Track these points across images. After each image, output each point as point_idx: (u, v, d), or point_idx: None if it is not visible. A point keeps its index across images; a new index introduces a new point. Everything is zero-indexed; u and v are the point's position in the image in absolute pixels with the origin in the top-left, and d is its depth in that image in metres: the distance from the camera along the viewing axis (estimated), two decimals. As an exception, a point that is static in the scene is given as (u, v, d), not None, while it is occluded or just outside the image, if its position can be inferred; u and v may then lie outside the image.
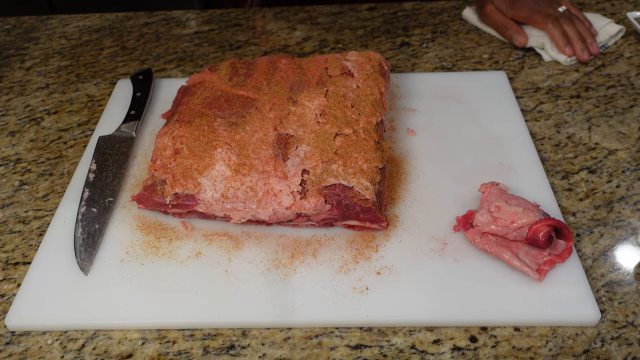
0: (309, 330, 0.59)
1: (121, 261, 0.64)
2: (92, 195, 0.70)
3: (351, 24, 1.06)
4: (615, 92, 0.87)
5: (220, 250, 0.65)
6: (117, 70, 0.97)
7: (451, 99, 0.85)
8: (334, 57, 0.80)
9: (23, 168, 0.79)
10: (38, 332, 0.60)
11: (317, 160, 0.65)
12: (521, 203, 0.63)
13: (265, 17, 1.09)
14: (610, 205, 0.70)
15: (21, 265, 0.66)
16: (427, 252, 0.64)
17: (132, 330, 0.59)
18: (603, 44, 0.96)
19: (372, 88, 0.75)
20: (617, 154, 0.77)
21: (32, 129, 0.86)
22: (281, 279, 0.62)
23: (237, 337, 0.58)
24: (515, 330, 0.58)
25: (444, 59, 0.97)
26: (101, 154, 0.76)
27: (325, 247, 0.65)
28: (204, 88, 0.77)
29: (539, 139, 0.80)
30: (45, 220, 0.72)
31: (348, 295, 0.60)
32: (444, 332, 0.58)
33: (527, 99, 0.87)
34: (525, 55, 0.96)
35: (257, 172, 0.65)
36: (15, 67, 1.00)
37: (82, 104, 0.90)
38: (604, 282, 0.62)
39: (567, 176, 0.74)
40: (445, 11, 1.09)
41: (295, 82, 0.77)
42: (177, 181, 0.65)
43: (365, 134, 0.69)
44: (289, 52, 1.00)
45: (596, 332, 0.57)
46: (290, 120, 0.71)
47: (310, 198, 0.62)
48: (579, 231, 0.67)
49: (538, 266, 0.60)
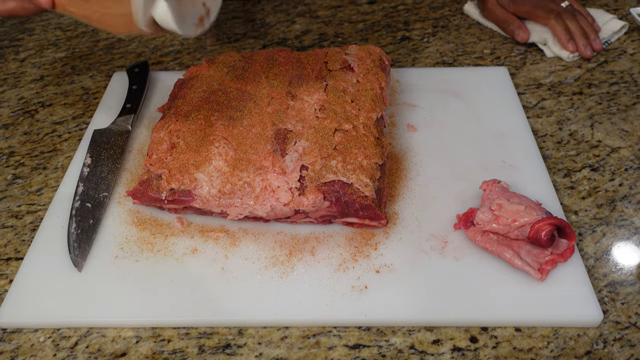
0: (307, 329, 0.58)
1: (115, 257, 0.63)
2: (87, 190, 0.69)
3: (351, 18, 1.05)
4: (618, 89, 0.86)
5: (217, 247, 0.64)
6: (113, 63, 0.96)
7: (452, 95, 0.84)
8: (334, 51, 0.79)
9: (16, 161, 0.78)
10: (30, 329, 0.58)
11: (316, 156, 0.64)
12: (523, 201, 0.62)
13: (264, 10, 1.08)
14: (612, 203, 0.69)
15: (13, 261, 0.65)
16: (427, 251, 0.63)
17: (126, 328, 0.58)
18: (606, 40, 0.95)
19: (373, 83, 0.74)
20: (619, 152, 0.76)
21: (26, 122, 0.85)
22: (278, 277, 0.61)
23: (233, 336, 0.57)
24: (516, 330, 0.57)
25: (445, 53, 0.95)
26: (96, 147, 0.75)
27: (323, 244, 0.64)
28: (201, 81, 0.76)
29: (541, 135, 0.79)
30: (39, 215, 0.70)
31: (346, 294, 0.59)
32: (444, 332, 0.57)
33: (529, 95, 0.86)
34: (527, 50, 0.95)
35: (254, 167, 0.64)
36: (10, 59, 0.98)
37: (77, 97, 0.89)
38: (606, 282, 0.61)
39: (569, 174, 0.73)
40: (446, 5, 1.07)
41: (294, 76, 0.76)
42: (173, 176, 0.64)
43: (365, 129, 0.67)
44: (288, 45, 0.99)
45: (598, 333, 0.56)
46: (289, 115, 0.69)
47: (308, 194, 0.61)
48: (581, 230, 0.66)
49: (540, 265, 0.59)
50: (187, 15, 0.56)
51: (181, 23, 0.55)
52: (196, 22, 0.58)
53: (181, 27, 0.56)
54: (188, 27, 0.57)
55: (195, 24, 0.58)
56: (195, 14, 0.57)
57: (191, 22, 0.57)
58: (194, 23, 0.58)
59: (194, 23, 0.57)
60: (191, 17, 0.57)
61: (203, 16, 0.59)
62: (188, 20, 0.56)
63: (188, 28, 0.57)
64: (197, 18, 0.58)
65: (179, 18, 0.55)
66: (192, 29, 0.58)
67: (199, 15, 0.58)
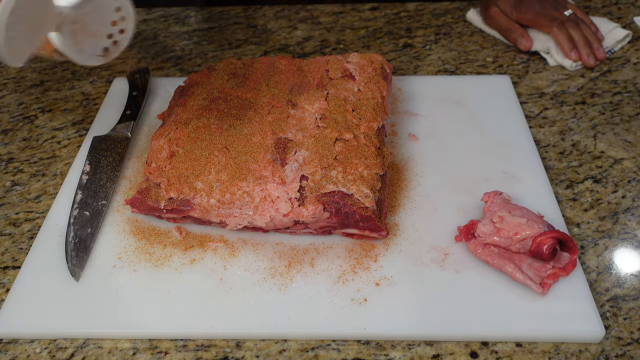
0: (305, 342, 0.57)
1: (113, 267, 0.62)
2: (85, 198, 0.69)
3: (353, 24, 1.04)
4: (622, 98, 0.86)
5: (216, 257, 0.63)
6: (113, 68, 0.95)
7: (454, 103, 0.83)
8: (335, 59, 0.79)
9: (15, 168, 0.78)
10: (26, 339, 0.58)
11: (316, 166, 0.63)
12: (525, 214, 0.61)
13: (266, 16, 1.07)
14: (615, 216, 0.68)
15: (10, 270, 0.65)
16: (428, 263, 0.62)
17: (123, 340, 0.57)
18: (609, 49, 0.94)
19: (374, 92, 0.74)
20: (622, 163, 0.75)
21: (25, 127, 0.84)
22: (277, 289, 0.60)
23: (231, 349, 0.57)
24: (517, 345, 0.56)
25: (447, 61, 0.95)
26: (95, 155, 0.74)
27: (323, 255, 0.63)
28: (202, 89, 0.75)
29: (543, 146, 0.78)
30: (37, 222, 0.70)
31: (346, 307, 0.58)
32: (444, 346, 0.56)
33: (532, 105, 0.85)
34: (529, 59, 0.94)
35: (254, 177, 0.63)
36: (10, 63, 0.98)
37: (77, 103, 0.88)
38: (608, 296, 0.60)
39: (571, 185, 0.72)
40: (448, 12, 1.07)
41: (295, 84, 0.75)
42: (172, 185, 0.63)
43: (366, 139, 0.67)
44: (289, 52, 0.98)
45: (600, 349, 0.56)
46: (290, 124, 0.69)
47: (308, 205, 0.61)
48: (583, 243, 0.65)
49: (541, 279, 0.59)
50: (86, 46, 0.59)
51: (81, 54, 0.59)
52: (99, 53, 0.61)
53: (81, 58, 0.59)
54: (90, 58, 0.61)
55: (98, 55, 0.61)
56: (97, 45, 0.60)
57: (92, 53, 0.60)
58: (97, 54, 0.61)
59: (96, 54, 0.61)
60: (91, 49, 0.60)
61: (108, 47, 0.62)
62: (90, 52, 0.60)
63: (90, 58, 0.60)
64: (100, 49, 0.61)
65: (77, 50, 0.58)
66: (94, 59, 0.61)
67: (101, 47, 0.61)
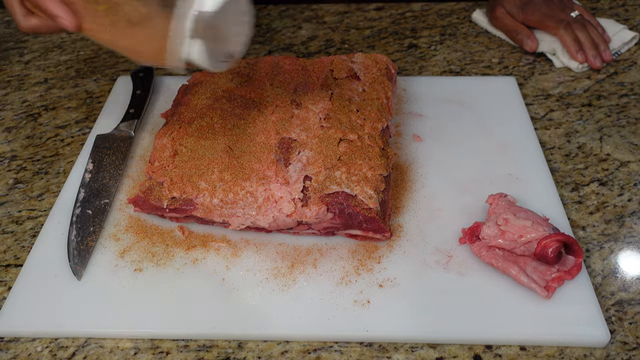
0: (308, 344, 0.57)
1: (115, 266, 0.62)
2: (88, 196, 0.68)
3: (358, 24, 1.04)
4: (628, 101, 0.85)
5: (218, 257, 0.63)
6: (117, 67, 0.95)
7: (459, 104, 0.82)
8: (340, 58, 0.78)
9: (18, 165, 0.77)
10: (28, 338, 0.58)
11: (320, 166, 0.63)
12: (530, 216, 0.61)
13: (271, 15, 1.07)
14: (621, 219, 0.68)
15: (13, 268, 0.65)
16: (432, 265, 0.62)
17: (124, 339, 0.57)
18: (616, 51, 0.94)
19: (379, 92, 0.73)
20: (629, 166, 0.75)
21: (28, 125, 0.84)
22: (280, 290, 0.60)
23: (232, 349, 0.56)
24: (521, 349, 0.56)
25: (453, 62, 0.94)
26: (98, 153, 0.74)
27: (326, 256, 0.63)
28: (205, 88, 0.75)
29: (549, 148, 0.78)
30: (39, 220, 0.70)
31: (349, 309, 0.58)
32: (447, 349, 0.56)
33: (537, 106, 0.85)
34: (535, 60, 0.94)
35: (257, 177, 0.63)
36: (14, 61, 0.98)
37: (81, 101, 0.88)
38: (614, 300, 0.60)
39: (577, 188, 0.72)
40: (454, 13, 1.06)
41: (299, 84, 0.75)
42: (175, 184, 0.63)
43: (370, 140, 0.66)
44: (293, 51, 0.98)
45: (605, 354, 0.55)
46: (293, 124, 0.68)
47: (311, 206, 0.60)
48: (588, 246, 0.65)
49: (546, 283, 0.58)
50: (219, 53, 0.59)
51: (213, 61, 0.58)
52: (226, 59, 0.61)
53: (212, 65, 0.59)
54: (218, 64, 0.60)
55: (225, 61, 0.61)
56: (226, 51, 0.60)
57: (221, 59, 0.60)
58: (224, 60, 0.61)
59: (223, 60, 0.60)
60: (221, 55, 0.60)
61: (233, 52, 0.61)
62: (219, 57, 0.60)
63: (218, 65, 0.60)
64: (228, 55, 0.61)
65: (211, 56, 0.58)
66: (222, 65, 0.61)
67: (229, 52, 0.61)
